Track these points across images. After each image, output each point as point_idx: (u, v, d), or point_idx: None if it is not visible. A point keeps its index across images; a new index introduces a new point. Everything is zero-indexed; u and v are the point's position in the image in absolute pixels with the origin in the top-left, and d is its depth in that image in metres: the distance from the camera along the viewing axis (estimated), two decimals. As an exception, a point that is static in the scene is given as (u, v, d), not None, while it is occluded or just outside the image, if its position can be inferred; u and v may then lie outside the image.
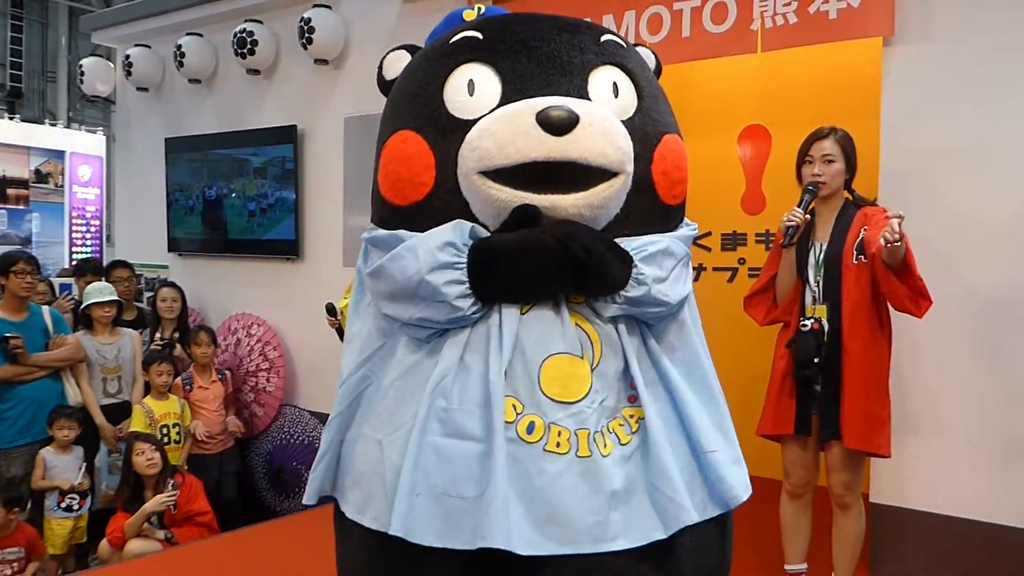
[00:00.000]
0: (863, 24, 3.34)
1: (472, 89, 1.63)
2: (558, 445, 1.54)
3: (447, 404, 1.60)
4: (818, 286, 2.91)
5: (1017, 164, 3.06)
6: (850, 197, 2.98)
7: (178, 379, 4.91)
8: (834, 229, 2.91)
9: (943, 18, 3.21)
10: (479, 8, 1.89)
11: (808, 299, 2.94)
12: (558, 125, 1.50)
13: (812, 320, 2.89)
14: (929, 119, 3.23)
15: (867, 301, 2.82)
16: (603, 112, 1.59)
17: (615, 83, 1.67)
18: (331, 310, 4.11)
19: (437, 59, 1.70)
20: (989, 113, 3.11)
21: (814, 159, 2.92)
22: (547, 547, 1.52)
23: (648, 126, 1.67)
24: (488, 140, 1.56)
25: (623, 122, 1.62)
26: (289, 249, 5.45)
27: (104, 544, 4.08)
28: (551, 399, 1.56)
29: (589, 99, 1.61)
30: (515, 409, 1.56)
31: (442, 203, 1.62)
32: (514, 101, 1.57)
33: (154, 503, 4.03)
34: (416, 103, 1.68)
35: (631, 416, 1.61)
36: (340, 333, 4.15)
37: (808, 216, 2.88)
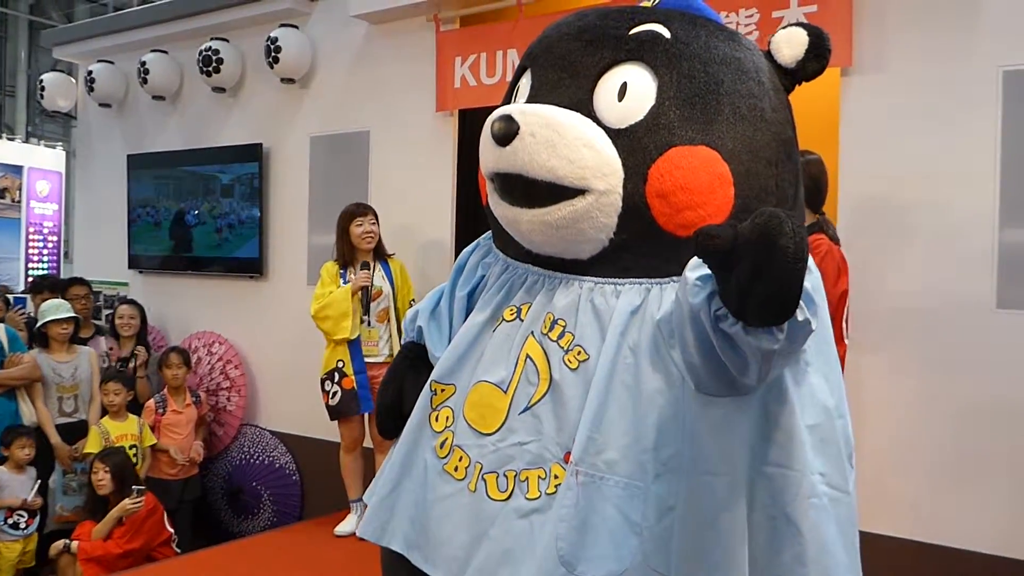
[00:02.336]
0: (822, 54, 3.40)
1: (516, 95, 1.63)
2: (456, 469, 1.54)
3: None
4: None
5: (970, 190, 3.14)
6: (816, 219, 3.04)
7: (151, 401, 4.84)
8: None
9: (898, 49, 3.29)
10: (653, 0, 1.64)
11: None
12: (498, 136, 1.44)
13: None
14: (885, 146, 3.30)
15: None
16: (560, 122, 1.43)
17: (624, 83, 1.46)
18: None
19: (520, 63, 1.70)
20: (943, 140, 3.19)
21: None
22: (414, 554, 1.57)
23: (650, 136, 1.43)
24: (480, 152, 1.57)
25: (620, 131, 1.44)
26: (252, 267, 5.41)
27: (59, 544, 4.05)
28: (467, 423, 1.56)
29: (591, 104, 1.47)
30: (447, 421, 1.59)
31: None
32: None
33: (120, 508, 4.02)
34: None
35: (556, 476, 1.45)
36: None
37: None
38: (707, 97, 1.45)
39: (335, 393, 4.06)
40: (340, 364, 4.06)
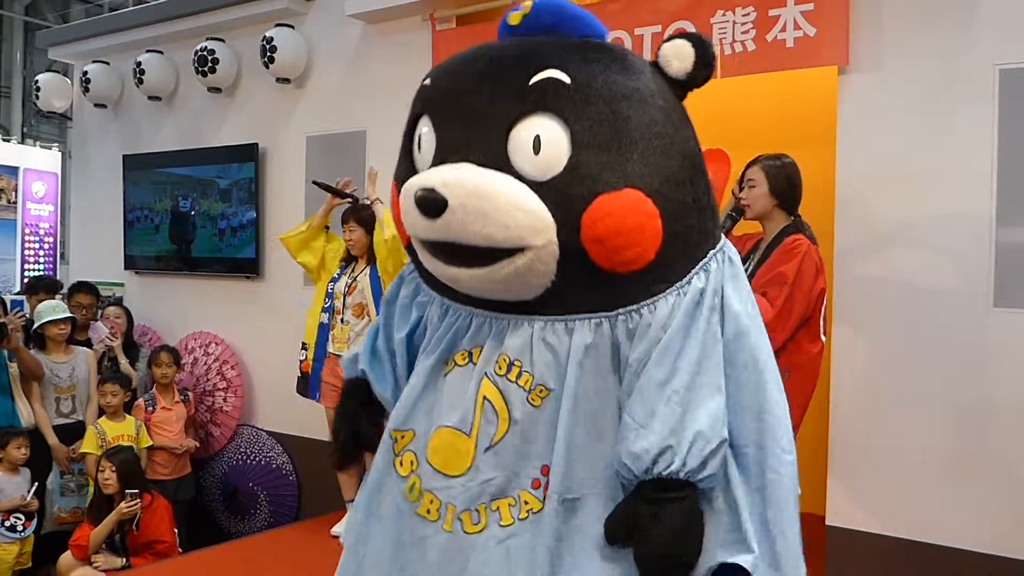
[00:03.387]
0: (819, 53, 3.41)
1: (420, 145, 1.58)
2: (428, 512, 1.57)
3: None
4: None
5: (967, 188, 3.14)
6: (791, 220, 3.08)
7: (140, 400, 4.84)
8: (764, 251, 3.04)
9: (894, 48, 3.29)
10: (524, 9, 1.62)
11: None
12: (426, 209, 1.42)
13: None
14: (882, 145, 3.31)
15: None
16: (488, 189, 1.42)
17: (537, 136, 1.44)
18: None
19: (412, 107, 1.65)
20: (940, 138, 3.19)
21: (743, 184, 3.09)
22: None
23: (575, 186, 1.44)
24: (401, 213, 1.56)
25: (544, 183, 1.44)
26: (249, 267, 5.40)
27: (67, 555, 4.01)
28: (432, 467, 1.58)
29: (508, 159, 1.45)
30: (412, 465, 1.62)
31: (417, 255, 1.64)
32: (438, 164, 1.50)
33: (116, 512, 3.99)
34: (401, 151, 1.67)
35: (526, 502, 1.53)
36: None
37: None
38: (619, 137, 1.46)
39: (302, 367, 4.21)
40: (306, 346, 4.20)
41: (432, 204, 1.40)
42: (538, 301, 1.53)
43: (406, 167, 1.61)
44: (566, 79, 1.46)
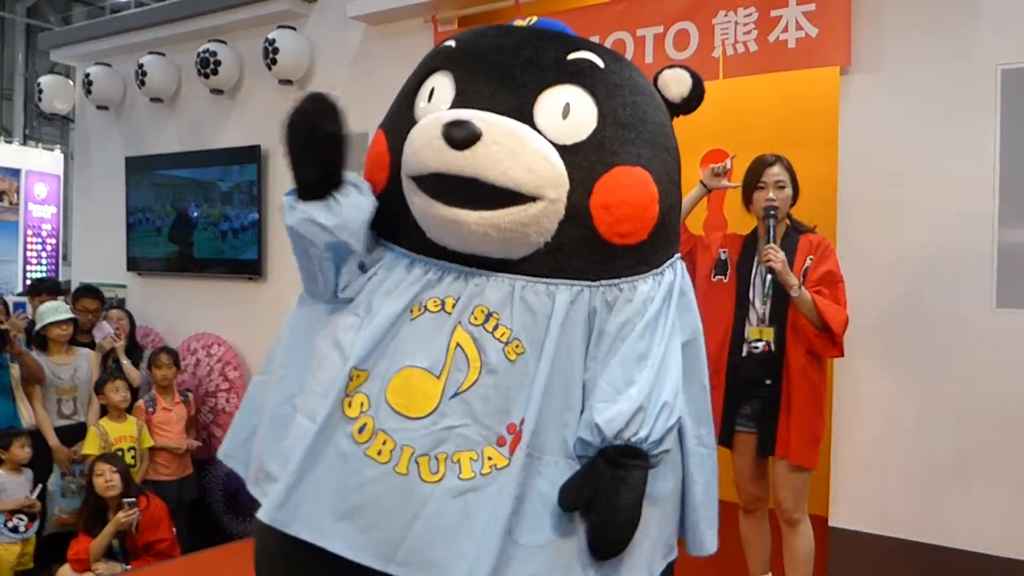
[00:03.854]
0: (821, 53, 3.41)
1: (431, 96, 1.67)
2: (379, 453, 1.52)
3: (311, 381, 1.65)
4: (765, 307, 2.96)
5: (969, 189, 3.14)
6: (789, 223, 3.07)
7: (140, 401, 4.84)
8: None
9: (896, 48, 3.29)
10: (530, 20, 1.78)
11: (753, 320, 2.99)
12: (456, 139, 1.47)
13: (763, 343, 2.94)
14: (885, 145, 3.31)
15: (810, 326, 2.88)
16: (521, 133, 1.51)
17: (568, 104, 1.58)
18: None
19: (422, 64, 1.77)
20: (942, 139, 3.19)
21: (767, 185, 3.02)
22: (334, 543, 1.51)
23: (596, 154, 1.57)
24: (409, 147, 1.58)
25: (566, 147, 1.55)
26: (252, 269, 5.41)
27: (66, 568, 3.98)
28: (391, 408, 1.55)
29: (533, 118, 1.56)
30: (362, 407, 1.56)
31: (390, 202, 1.66)
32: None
33: (115, 523, 3.95)
34: (396, 105, 1.77)
35: (490, 457, 1.52)
36: None
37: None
38: (637, 125, 1.63)
39: None
40: None
41: (464, 135, 1.46)
42: (522, 261, 1.58)
43: (405, 117, 1.67)
44: (600, 63, 1.64)
